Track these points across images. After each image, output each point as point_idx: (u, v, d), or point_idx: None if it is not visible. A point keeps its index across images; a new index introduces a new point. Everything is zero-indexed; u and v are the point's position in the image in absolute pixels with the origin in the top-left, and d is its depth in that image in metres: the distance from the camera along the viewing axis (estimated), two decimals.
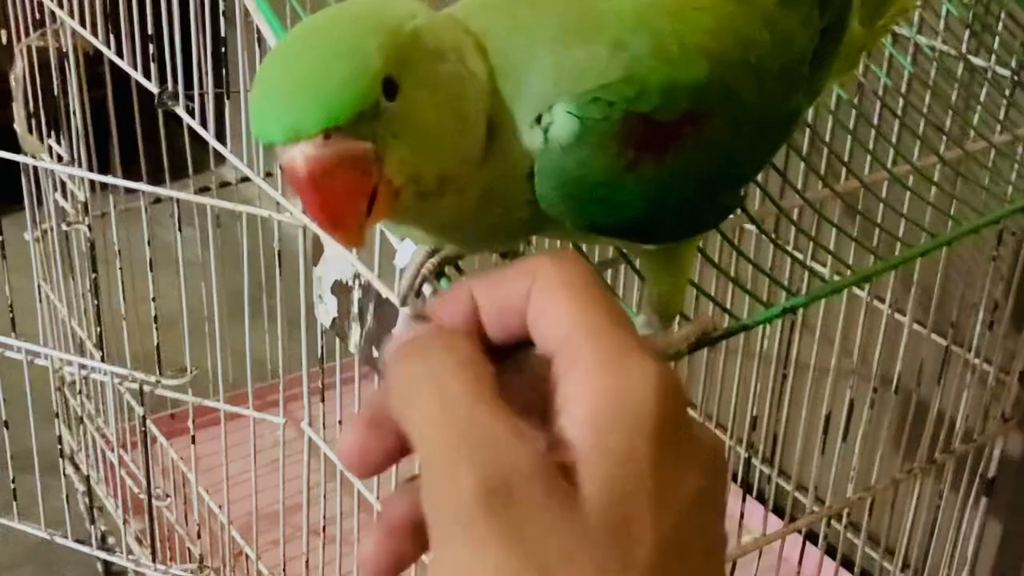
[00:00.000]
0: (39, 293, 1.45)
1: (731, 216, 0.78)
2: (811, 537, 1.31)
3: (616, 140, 0.60)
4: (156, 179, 1.43)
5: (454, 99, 0.57)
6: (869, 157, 0.98)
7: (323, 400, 1.01)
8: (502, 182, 0.60)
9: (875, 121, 1.06)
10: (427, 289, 0.73)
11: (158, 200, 1.40)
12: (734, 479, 1.22)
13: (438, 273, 0.73)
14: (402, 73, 0.54)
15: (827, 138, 1.14)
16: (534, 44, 0.60)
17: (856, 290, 1.23)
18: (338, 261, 0.88)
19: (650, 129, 0.61)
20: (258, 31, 0.86)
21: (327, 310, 0.91)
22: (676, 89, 0.62)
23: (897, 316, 1.16)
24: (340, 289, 0.89)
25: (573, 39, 0.61)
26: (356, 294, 0.87)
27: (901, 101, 1.04)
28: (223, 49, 1.17)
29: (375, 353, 0.86)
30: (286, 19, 0.82)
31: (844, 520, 1.26)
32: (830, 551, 1.32)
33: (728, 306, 0.80)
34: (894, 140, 1.04)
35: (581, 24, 0.62)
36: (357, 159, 0.54)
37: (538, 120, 0.59)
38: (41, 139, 1.37)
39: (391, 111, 0.54)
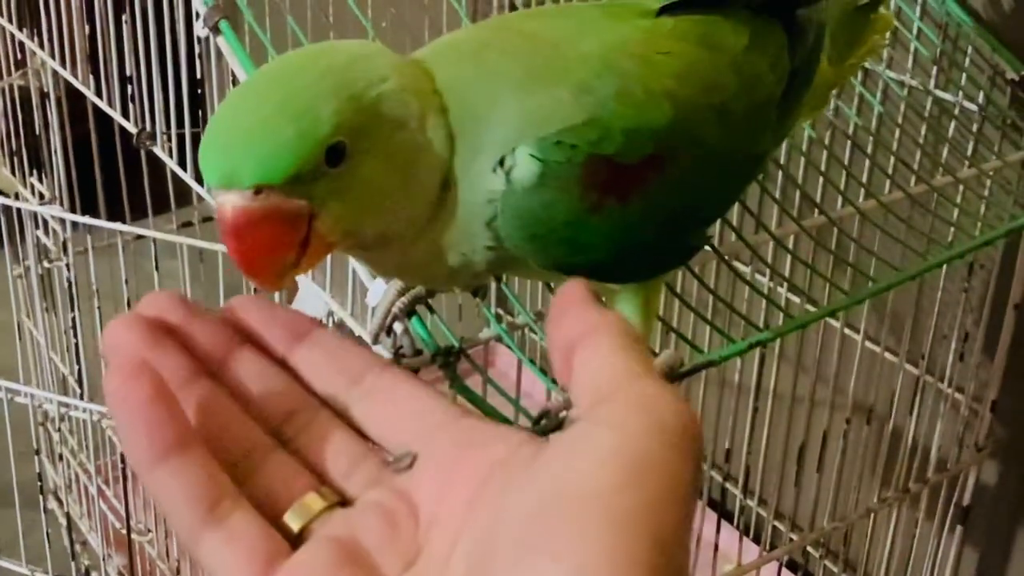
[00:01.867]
0: (19, 330, 1.46)
1: (704, 250, 0.79)
2: (790, 566, 1.32)
3: (579, 183, 0.61)
4: (140, 210, 1.44)
5: (405, 167, 0.57)
6: (841, 193, 0.99)
7: None
8: (457, 232, 0.61)
9: (846, 157, 1.07)
10: (398, 327, 0.74)
11: (140, 236, 1.42)
12: (711, 506, 1.23)
13: (409, 312, 0.74)
14: (354, 140, 0.55)
15: (800, 173, 1.15)
16: (499, 90, 0.61)
17: (831, 320, 1.24)
18: (312, 299, 0.89)
19: (614, 172, 0.62)
20: (232, 72, 0.87)
21: None
22: (640, 132, 0.63)
23: (871, 346, 1.17)
24: None
25: (538, 84, 0.62)
26: None
27: (871, 138, 1.06)
28: (200, 90, 1.18)
29: None
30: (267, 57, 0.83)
31: (822, 549, 1.27)
32: None
33: (701, 338, 0.81)
34: (865, 176, 1.06)
35: (546, 69, 0.63)
36: (284, 216, 0.54)
37: (501, 163, 0.60)
38: (23, 177, 1.38)
39: (334, 175, 0.55)
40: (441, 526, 0.43)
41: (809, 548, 1.32)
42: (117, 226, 1.11)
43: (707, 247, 0.79)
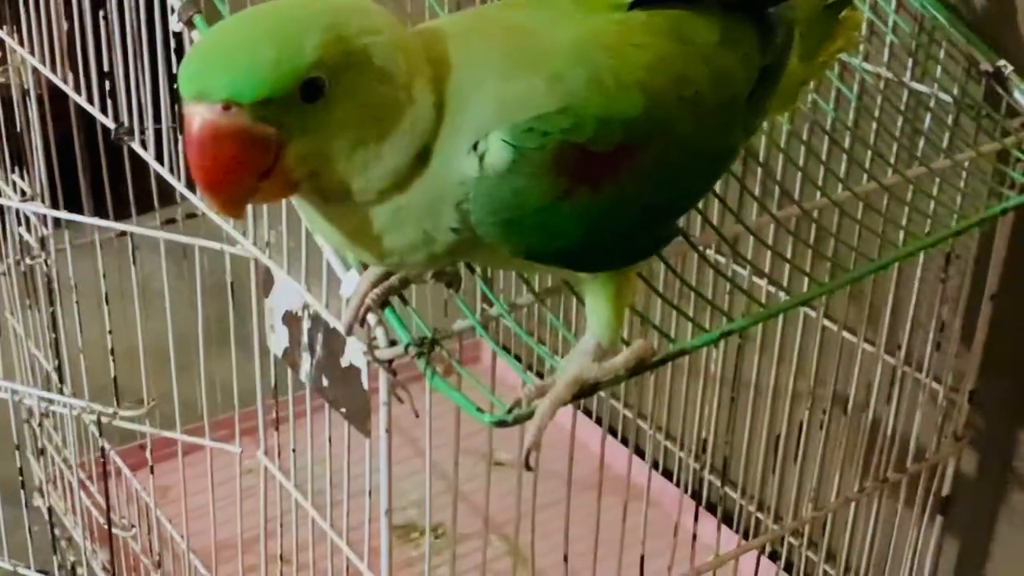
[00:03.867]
0: (0, 328, 1.46)
1: (681, 241, 0.80)
2: (772, 557, 1.33)
3: (551, 169, 0.62)
4: (124, 209, 1.44)
5: (381, 120, 0.59)
6: (820, 182, 1.00)
7: (277, 430, 1.03)
8: (423, 206, 0.62)
9: (823, 150, 1.08)
10: (371, 318, 0.75)
11: (124, 233, 1.42)
12: (693, 496, 1.23)
13: (382, 303, 0.75)
14: (333, 79, 0.56)
15: (779, 166, 1.16)
16: (481, 75, 0.62)
17: (809, 311, 1.25)
18: (288, 292, 0.89)
19: (585, 159, 0.63)
20: None
21: (279, 340, 0.92)
22: (611, 121, 0.64)
23: (849, 336, 1.17)
24: (290, 319, 0.90)
25: (514, 71, 0.63)
26: (305, 324, 0.88)
27: (848, 131, 1.06)
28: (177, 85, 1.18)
29: (325, 382, 0.87)
30: None
31: (802, 538, 1.27)
32: (788, 568, 1.34)
33: (681, 331, 0.81)
34: (842, 168, 1.06)
35: (523, 57, 0.64)
36: (250, 137, 0.55)
37: (475, 147, 0.61)
38: (5, 174, 1.38)
39: (308, 109, 0.56)
40: None
41: (789, 538, 1.33)
42: (97, 221, 1.11)
43: (683, 238, 0.80)
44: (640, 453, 1.41)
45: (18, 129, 1.37)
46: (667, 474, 1.51)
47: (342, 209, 0.61)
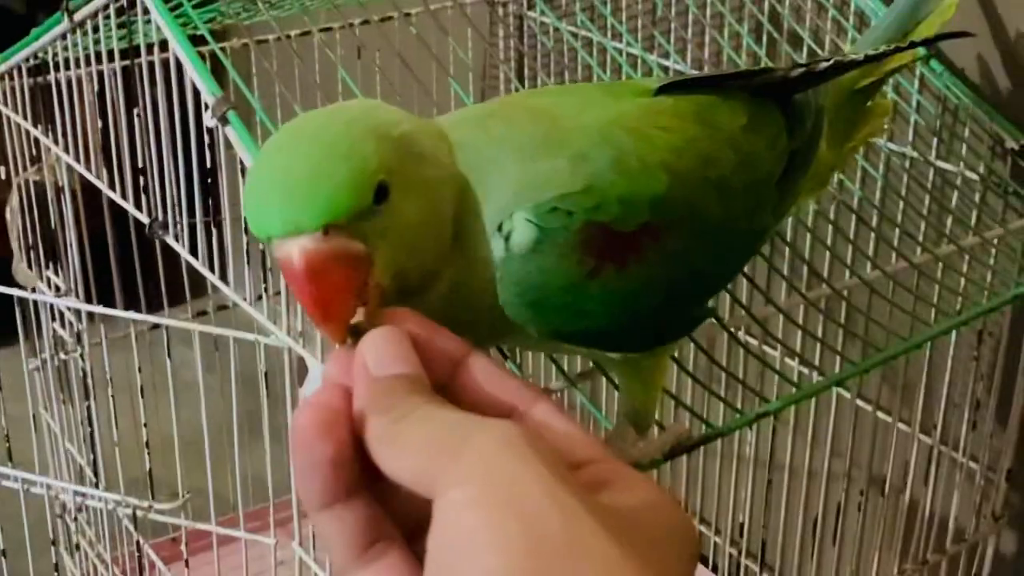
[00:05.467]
0: (34, 422, 1.46)
1: (712, 323, 0.79)
2: None
3: (576, 249, 0.62)
4: (156, 302, 1.46)
5: (434, 202, 0.59)
6: (849, 263, 1.00)
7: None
8: (468, 282, 0.62)
9: (851, 230, 1.08)
10: None
11: (156, 326, 1.43)
12: None
13: None
14: (392, 178, 0.56)
15: (807, 246, 1.16)
16: (501, 155, 0.63)
17: (842, 391, 1.24)
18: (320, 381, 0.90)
19: (610, 238, 0.63)
20: (241, 163, 0.89)
21: None
22: (635, 201, 0.64)
23: (883, 416, 1.17)
24: None
25: (537, 152, 0.64)
26: None
27: (875, 210, 1.07)
28: (211, 179, 1.20)
29: None
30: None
31: None
32: None
33: (713, 414, 0.81)
34: (871, 247, 1.07)
35: (546, 139, 0.64)
36: (352, 256, 0.55)
37: (499, 228, 0.62)
38: (39, 271, 1.40)
39: (380, 213, 0.56)
40: None
41: None
42: (131, 315, 1.12)
43: (714, 320, 0.80)
44: None
45: (52, 226, 1.39)
46: (702, 559, 1.49)
47: (411, 304, 0.61)
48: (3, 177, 1.42)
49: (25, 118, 1.34)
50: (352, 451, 0.46)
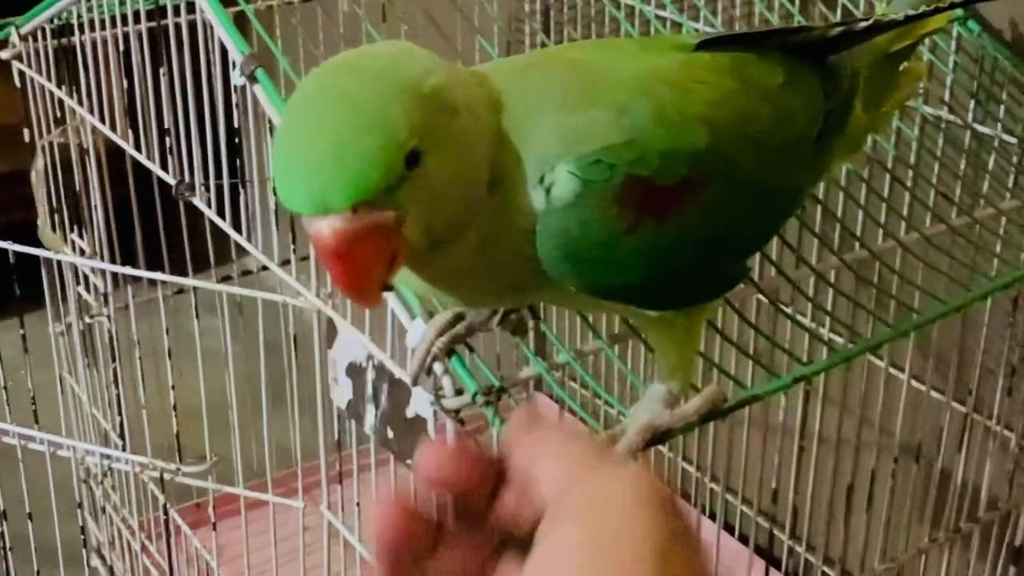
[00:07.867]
0: (61, 385, 1.46)
1: (745, 286, 0.78)
2: None
3: (616, 202, 0.62)
4: (180, 270, 1.45)
5: (469, 156, 0.58)
6: (881, 226, 0.98)
7: (340, 484, 1.02)
8: (503, 232, 0.61)
9: (885, 191, 1.07)
10: (438, 367, 0.74)
11: (180, 291, 1.42)
12: (758, 552, 1.21)
13: (448, 351, 0.74)
14: (424, 141, 0.55)
15: (840, 207, 1.14)
16: (540, 106, 0.62)
17: (874, 359, 1.23)
18: (351, 343, 0.89)
19: (649, 192, 0.63)
20: (269, 121, 0.88)
21: (342, 392, 0.91)
22: (675, 154, 0.63)
23: (916, 384, 1.15)
24: (354, 371, 0.89)
25: (577, 103, 0.63)
26: (370, 375, 0.87)
27: (910, 171, 1.05)
28: (237, 140, 1.19)
29: (390, 434, 0.86)
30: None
31: None
32: None
33: (745, 377, 0.80)
34: (905, 209, 1.05)
35: (585, 90, 0.64)
36: (382, 229, 0.55)
37: (541, 180, 0.61)
38: (64, 234, 1.39)
39: (412, 178, 0.55)
40: None
41: None
42: (160, 276, 1.11)
43: (748, 282, 0.79)
44: (702, 508, 1.38)
45: (77, 189, 1.38)
46: (729, 528, 1.48)
47: (441, 253, 0.60)
48: (28, 139, 1.41)
49: (49, 80, 1.33)
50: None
